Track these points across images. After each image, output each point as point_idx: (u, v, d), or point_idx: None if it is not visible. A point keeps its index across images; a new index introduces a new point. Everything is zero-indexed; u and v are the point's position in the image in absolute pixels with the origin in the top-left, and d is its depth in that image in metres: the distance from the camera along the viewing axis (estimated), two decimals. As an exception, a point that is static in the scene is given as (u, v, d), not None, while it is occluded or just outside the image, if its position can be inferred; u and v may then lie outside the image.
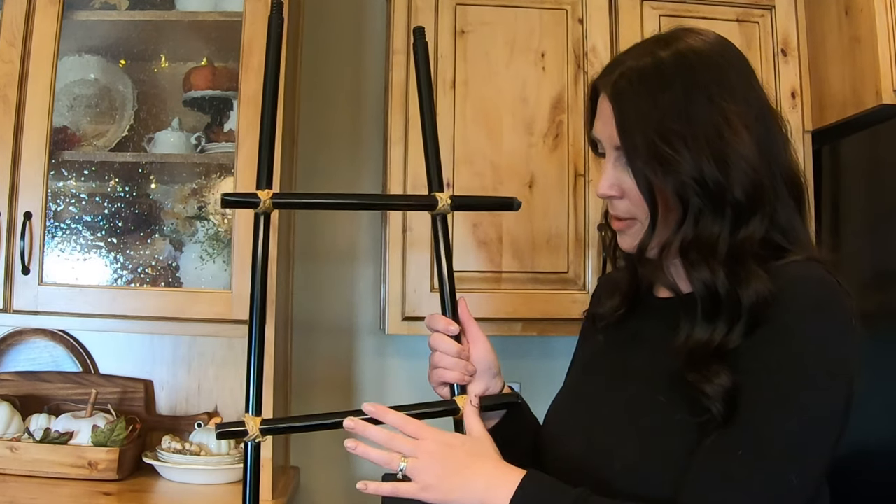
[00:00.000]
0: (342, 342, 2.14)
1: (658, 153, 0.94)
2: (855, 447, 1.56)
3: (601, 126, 1.02)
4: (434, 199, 1.16)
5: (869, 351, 0.95)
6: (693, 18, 1.88)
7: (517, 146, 1.86)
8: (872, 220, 1.72)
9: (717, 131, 0.94)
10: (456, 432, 1.06)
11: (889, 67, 1.66)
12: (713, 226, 0.95)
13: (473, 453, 0.98)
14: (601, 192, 1.03)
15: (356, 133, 2.18)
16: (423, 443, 0.98)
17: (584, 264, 1.85)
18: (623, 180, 1.00)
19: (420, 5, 1.86)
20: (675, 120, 0.94)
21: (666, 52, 0.98)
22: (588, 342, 1.21)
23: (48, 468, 1.73)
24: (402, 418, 1.01)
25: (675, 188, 0.95)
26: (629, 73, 0.98)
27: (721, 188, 0.94)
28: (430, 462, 0.96)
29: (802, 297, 0.92)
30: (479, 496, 0.94)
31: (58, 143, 1.80)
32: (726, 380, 0.90)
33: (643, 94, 0.97)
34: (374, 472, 2.10)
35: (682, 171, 0.94)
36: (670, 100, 0.95)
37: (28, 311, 1.69)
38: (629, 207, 1.01)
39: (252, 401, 1.06)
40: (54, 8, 1.72)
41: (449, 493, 0.95)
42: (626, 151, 0.97)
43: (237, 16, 1.77)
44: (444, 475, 0.95)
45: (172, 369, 2.03)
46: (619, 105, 0.98)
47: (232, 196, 1.14)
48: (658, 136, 0.94)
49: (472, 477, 0.95)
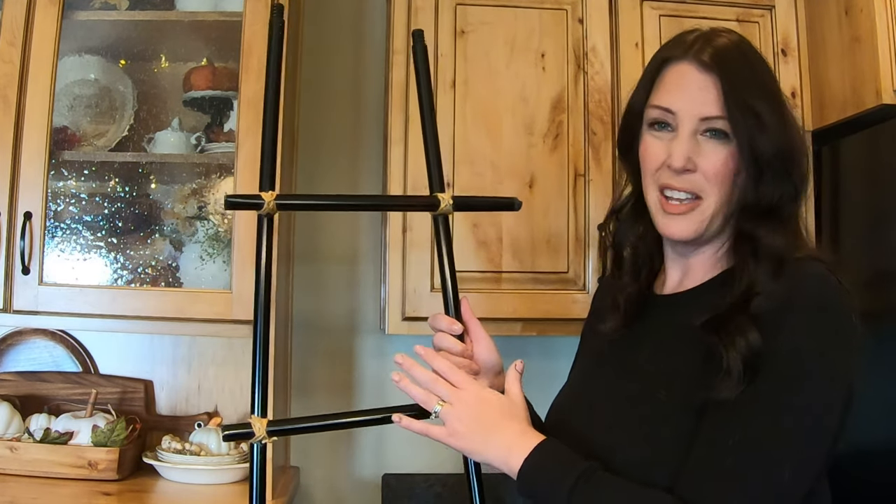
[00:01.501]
0: (342, 342, 2.14)
1: (761, 121, 0.98)
2: (855, 447, 1.56)
3: (683, 97, 1.02)
4: (436, 199, 1.16)
5: (869, 351, 0.95)
6: (693, 18, 1.87)
7: (517, 146, 1.86)
8: (872, 220, 1.72)
9: (784, 108, 1.02)
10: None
11: (889, 67, 1.66)
12: (781, 191, 1.00)
13: (505, 413, 1.02)
14: (678, 164, 1.01)
15: (356, 133, 2.18)
16: (462, 392, 1.02)
17: (584, 264, 1.85)
18: (698, 153, 1.01)
19: (420, 5, 1.86)
20: (769, 89, 1.02)
21: (731, 37, 1.05)
22: (591, 339, 1.22)
23: (48, 468, 1.73)
24: (449, 366, 1.05)
25: (770, 154, 0.98)
26: (727, 47, 1.03)
27: (792, 159, 1.00)
28: (464, 411, 1.01)
29: (805, 295, 0.93)
30: (501, 455, 0.99)
31: (58, 143, 1.79)
32: (757, 337, 0.91)
33: (743, 65, 1.02)
34: (374, 472, 2.11)
35: (779, 138, 0.99)
36: (761, 71, 1.03)
37: (28, 311, 1.69)
38: (700, 183, 1.01)
39: (258, 402, 1.06)
40: (54, 8, 1.72)
41: (473, 443, 1.00)
42: (731, 119, 0.99)
43: (237, 16, 1.77)
44: (474, 427, 1.00)
45: (172, 369, 2.03)
46: (725, 74, 1.00)
47: (235, 198, 1.14)
48: (764, 101, 0.99)
49: (497, 435, 1.00)
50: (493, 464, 1.01)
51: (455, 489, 2.06)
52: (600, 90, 1.88)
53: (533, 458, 0.97)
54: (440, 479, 2.08)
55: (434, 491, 2.08)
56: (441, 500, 2.07)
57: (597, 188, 1.85)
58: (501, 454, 0.99)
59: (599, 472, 0.95)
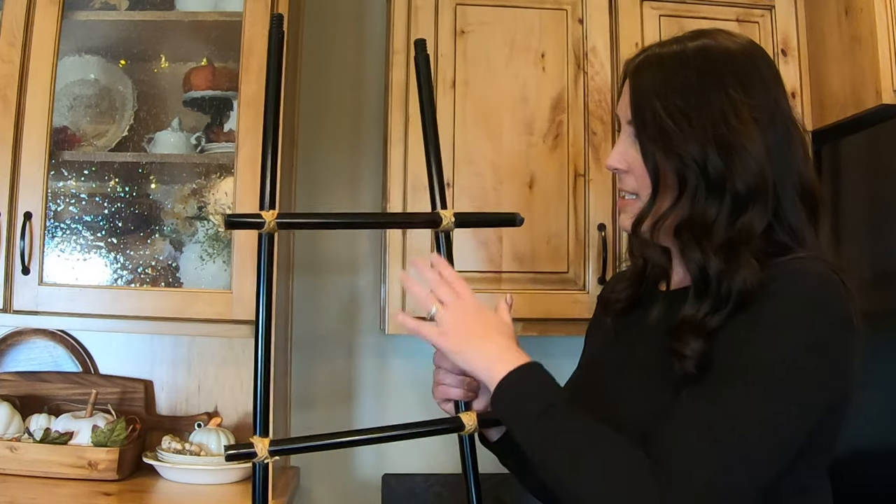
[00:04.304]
0: (342, 342, 2.14)
1: (663, 128, 0.98)
2: (855, 447, 1.56)
3: (621, 102, 1.07)
4: (438, 216, 1.18)
5: (869, 351, 0.95)
6: (693, 18, 1.88)
7: (517, 146, 1.86)
8: (872, 220, 1.72)
9: (724, 118, 0.97)
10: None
11: (889, 67, 1.66)
12: (709, 209, 0.98)
13: (498, 329, 1.06)
14: (609, 163, 1.08)
15: (356, 133, 2.18)
16: (462, 300, 1.07)
17: (584, 264, 1.85)
18: (631, 155, 1.05)
19: (420, 5, 1.86)
20: (684, 99, 0.99)
21: (693, 43, 1.03)
22: (597, 330, 1.24)
23: (48, 468, 1.72)
24: (456, 276, 1.10)
25: (675, 166, 0.99)
26: (652, 56, 1.04)
27: (721, 175, 0.97)
28: (460, 315, 1.05)
29: (796, 287, 0.93)
30: (485, 363, 1.02)
31: (58, 143, 1.79)
32: (700, 345, 0.94)
33: (659, 74, 1.02)
34: (374, 472, 2.11)
35: (683, 149, 0.98)
36: (684, 81, 1.00)
37: (28, 311, 1.69)
38: (633, 183, 1.06)
39: (259, 422, 1.07)
40: (54, 8, 1.72)
41: (461, 345, 1.04)
42: (635, 124, 1.02)
43: (237, 16, 1.76)
44: (465, 331, 1.04)
45: (172, 369, 2.03)
46: (636, 81, 1.03)
47: (236, 217, 1.14)
48: (665, 111, 0.99)
49: (486, 344, 1.03)
50: (475, 370, 1.04)
51: (455, 489, 2.06)
52: (600, 90, 1.88)
53: (517, 373, 1.00)
54: (440, 479, 2.08)
55: (434, 491, 2.08)
56: (441, 500, 2.07)
57: (597, 188, 1.85)
58: (486, 363, 1.02)
59: (577, 407, 0.97)
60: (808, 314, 0.91)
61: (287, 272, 2.07)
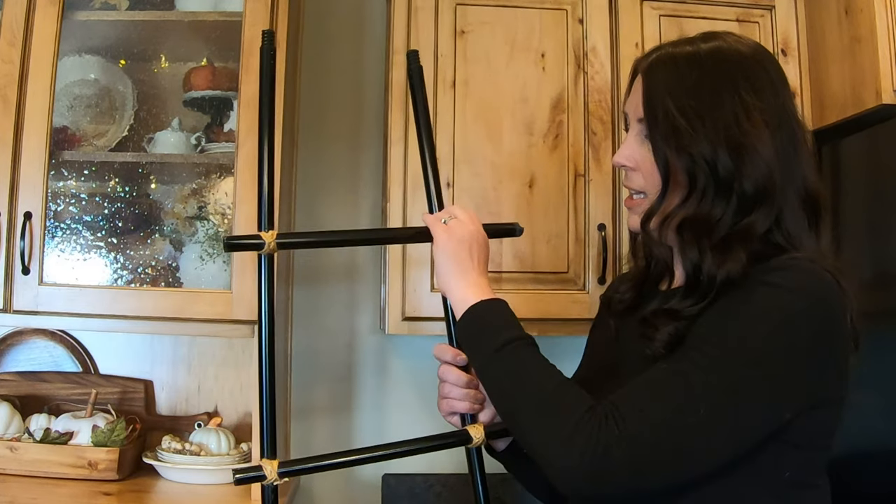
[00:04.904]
0: (342, 341, 2.14)
1: (676, 127, 0.99)
2: (855, 447, 1.56)
3: (631, 100, 1.08)
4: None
5: (869, 351, 0.95)
6: (693, 18, 1.88)
7: (517, 146, 1.86)
8: (872, 220, 1.72)
9: (735, 120, 0.98)
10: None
11: (889, 67, 1.66)
12: (715, 209, 0.99)
13: (481, 259, 1.14)
14: (616, 160, 1.09)
15: (356, 132, 2.18)
16: (471, 226, 1.14)
17: (585, 264, 1.85)
18: (639, 153, 1.06)
19: (420, 5, 1.86)
20: (698, 99, 1.00)
21: (706, 45, 1.04)
22: (600, 331, 1.24)
23: (48, 468, 1.73)
24: (466, 210, 1.18)
25: (686, 164, 0.99)
26: (666, 55, 1.05)
27: (731, 175, 0.98)
28: (462, 232, 1.13)
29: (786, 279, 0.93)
30: (462, 289, 1.09)
31: (58, 143, 1.79)
32: (672, 328, 0.96)
33: (673, 73, 1.03)
34: (374, 472, 2.11)
35: (695, 148, 0.98)
36: (697, 82, 1.01)
37: (28, 312, 1.69)
38: (641, 181, 1.06)
39: (266, 445, 1.07)
40: (54, 8, 1.72)
41: (449, 260, 1.12)
42: (647, 121, 1.03)
43: (237, 16, 1.76)
44: (459, 251, 1.12)
45: (172, 369, 2.03)
46: (648, 79, 1.04)
47: (235, 239, 1.15)
48: (678, 110, 0.99)
49: (471, 273, 1.11)
50: (449, 290, 1.10)
51: (455, 489, 2.06)
52: (600, 90, 1.88)
53: (490, 304, 1.07)
54: (440, 479, 2.08)
55: (434, 491, 2.08)
56: (441, 500, 2.07)
57: (597, 188, 1.85)
58: (463, 290, 1.09)
59: (537, 349, 1.02)
60: (790, 304, 0.91)
61: (287, 276, 2.07)
